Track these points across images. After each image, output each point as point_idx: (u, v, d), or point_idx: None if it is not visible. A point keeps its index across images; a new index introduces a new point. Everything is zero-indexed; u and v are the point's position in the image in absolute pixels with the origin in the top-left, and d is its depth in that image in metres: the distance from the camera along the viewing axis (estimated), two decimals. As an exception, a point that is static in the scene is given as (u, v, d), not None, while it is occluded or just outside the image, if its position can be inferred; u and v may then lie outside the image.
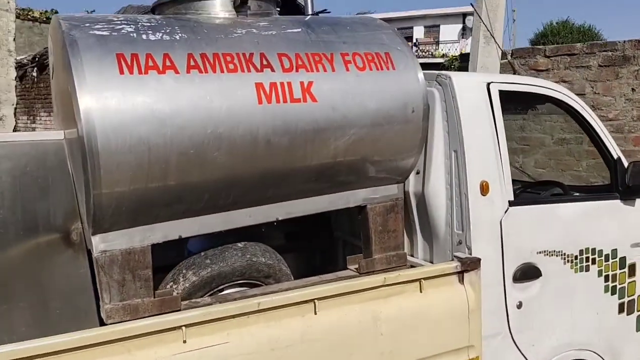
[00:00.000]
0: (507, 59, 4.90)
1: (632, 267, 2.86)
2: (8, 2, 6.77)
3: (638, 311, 2.94)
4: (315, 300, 1.99)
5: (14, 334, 1.80)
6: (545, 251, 2.54)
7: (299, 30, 2.21)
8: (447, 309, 2.26)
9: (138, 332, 1.72)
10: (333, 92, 2.10)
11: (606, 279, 2.76)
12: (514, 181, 2.64)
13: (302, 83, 2.05)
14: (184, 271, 2.18)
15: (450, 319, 2.26)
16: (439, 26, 34.43)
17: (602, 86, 4.94)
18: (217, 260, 2.19)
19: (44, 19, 20.74)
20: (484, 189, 2.39)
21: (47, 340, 1.58)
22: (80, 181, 1.83)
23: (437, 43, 32.64)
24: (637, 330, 2.94)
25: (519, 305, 2.50)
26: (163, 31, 1.95)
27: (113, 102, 1.73)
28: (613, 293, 2.79)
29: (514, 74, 4.90)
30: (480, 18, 4.71)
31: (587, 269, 2.68)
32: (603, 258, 2.73)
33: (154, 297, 1.99)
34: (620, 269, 2.80)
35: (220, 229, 2.14)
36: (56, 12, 22.81)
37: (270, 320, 1.92)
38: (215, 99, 1.89)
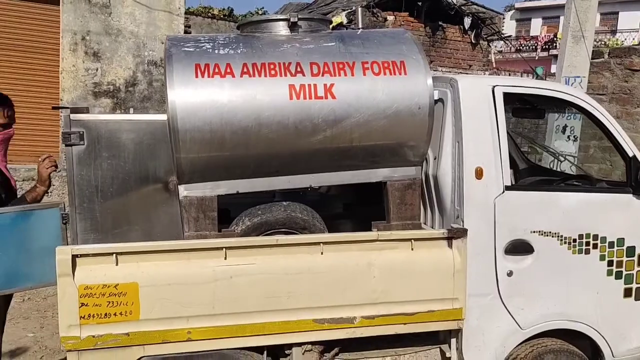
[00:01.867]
0: (603, 57, 4.95)
1: (644, 257, 3.07)
2: (179, 8, 8.37)
3: (650, 298, 3.13)
4: (322, 244, 2.73)
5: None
6: (539, 231, 2.94)
7: (333, 44, 2.93)
8: (435, 266, 2.83)
9: (198, 246, 2.63)
10: (349, 91, 2.79)
11: (610, 264, 3.03)
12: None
13: (325, 85, 2.77)
14: (243, 217, 3.04)
15: (437, 274, 2.83)
16: (617, 13, 31.25)
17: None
18: (266, 212, 3.02)
19: (221, 16, 23.49)
20: (479, 173, 2.88)
21: (157, 243, 2.59)
22: (171, 148, 2.79)
23: (614, 32, 29.70)
24: (648, 316, 3.14)
25: (509, 274, 2.94)
26: (230, 47, 2.82)
27: (189, 96, 2.63)
28: (618, 277, 3.06)
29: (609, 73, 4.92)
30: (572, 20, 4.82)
31: (587, 252, 3.00)
32: (606, 245, 3.01)
33: (218, 231, 2.91)
34: (627, 257, 3.05)
35: (266, 189, 2.97)
36: (232, 10, 25.66)
37: (286, 254, 2.70)
38: (258, 95, 2.71)
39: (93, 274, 2.45)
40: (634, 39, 25.85)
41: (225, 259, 2.63)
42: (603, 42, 28.68)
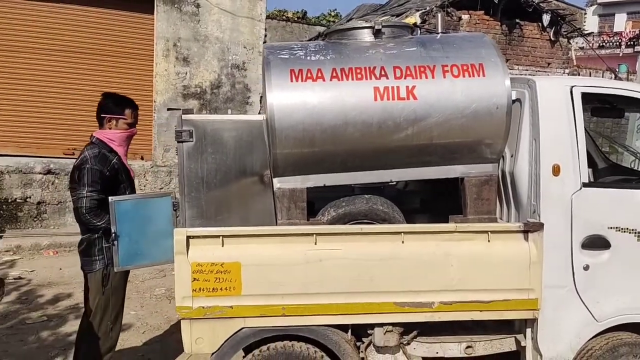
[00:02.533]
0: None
1: None
2: (260, 14, 8.85)
3: None
4: (403, 233, 2.96)
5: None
6: (617, 227, 3.02)
7: (415, 48, 3.15)
8: (511, 258, 2.98)
9: (292, 232, 2.95)
10: (430, 93, 3.00)
11: (690, 262, 3.05)
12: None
13: (407, 87, 3.00)
14: (329, 209, 3.33)
15: (513, 265, 2.98)
16: None
17: None
18: (349, 204, 3.29)
19: (295, 19, 24.12)
20: (556, 170, 3.00)
21: (258, 228, 2.95)
22: (268, 144, 3.13)
23: None
24: None
25: (586, 268, 3.04)
26: (321, 53, 3.11)
27: (284, 98, 2.95)
28: (698, 276, 3.06)
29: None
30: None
31: (665, 249, 3.03)
32: (685, 242, 3.03)
33: (307, 220, 3.21)
34: None
35: (350, 183, 3.25)
36: (305, 13, 26.28)
37: (370, 242, 2.96)
38: (346, 97, 2.98)
39: (203, 253, 2.83)
40: None
41: (316, 244, 2.92)
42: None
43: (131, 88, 8.21)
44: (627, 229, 3.02)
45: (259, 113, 8.82)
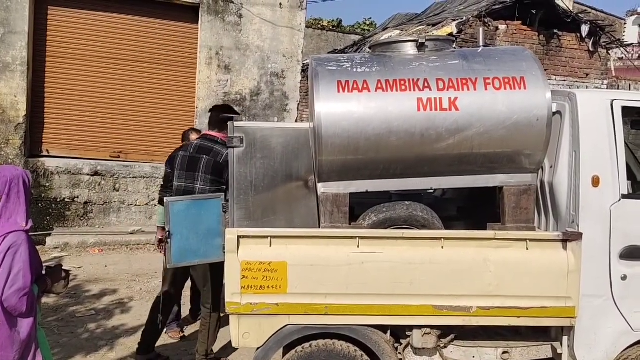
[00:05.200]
0: None
1: None
2: (300, 24, 9.08)
3: None
4: (442, 239, 3.07)
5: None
6: (655, 239, 3.06)
7: (457, 61, 3.27)
8: (549, 266, 3.06)
9: (336, 235, 3.10)
10: (472, 104, 3.11)
11: None
12: None
13: (449, 98, 3.12)
14: (370, 214, 3.46)
15: (551, 273, 3.05)
16: None
17: None
18: (390, 209, 3.41)
19: (331, 27, 24.35)
20: (595, 182, 3.07)
21: (304, 231, 3.12)
22: (314, 151, 3.29)
23: None
24: None
25: (624, 278, 3.09)
26: (366, 65, 3.26)
27: (332, 108, 3.11)
28: None
29: None
30: None
31: (703, 263, 3.05)
32: None
33: (349, 224, 3.35)
34: None
35: (390, 189, 3.38)
36: (340, 21, 26.53)
37: (411, 246, 3.08)
38: (390, 107, 3.12)
39: (252, 253, 3.00)
40: None
41: (358, 247, 3.06)
42: None
43: (175, 94, 8.56)
44: (666, 240, 3.06)
45: (296, 121, 9.03)
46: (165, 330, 4.79)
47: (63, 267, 2.83)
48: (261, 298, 3.00)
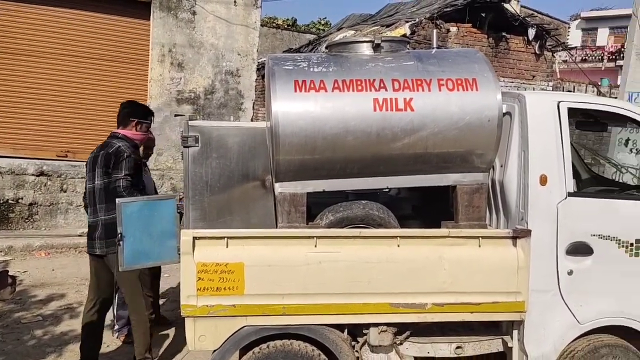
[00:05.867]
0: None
1: None
2: (255, 22, 9.00)
3: None
4: (399, 238, 3.11)
5: (232, 232, 3.32)
6: (599, 235, 3.21)
7: (412, 62, 3.32)
8: (500, 263, 3.15)
9: (294, 235, 3.08)
10: (426, 105, 3.16)
11: (666, 268, 3.25)
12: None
13: (405, 99, 3.16)
14: (327, 213, 3.46)
15: (502, 270, 3.15)
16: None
17: None
18: (347, 209, 3.42)
19: (285, 26, 24.26)
20: (543, 180, 3.18)
21: (261, 231, 3.08)
22: (271, 151, 3.27)
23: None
24: None
25: (570, 273, 3.22)
26: (323, 65, 3.26)
27: (288, 107, 3.09)
28: (673, 281, 3.26)
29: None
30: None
31: (644, 257, 3.23)
32: (663, 250, 3.23)
33: (306, 224, 3.35)
34: (686, 263, 3.25)
35: (347, 188, 3.39)
36: (295, 20, 26.49)
37: (368, 245, 3.10)
38: (347, 107, 3.13)
39: (208, 254, 2.95)
40: None
41: (315, 246, 3.06)
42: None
43: (126, 92, 8.30)
44: (609, 236, 3.21)
45: (251, 120, 8.95)
46: (116, 335, 4.66)
47: (9, 273, 2.71)
48: (218, 300, 2.96)
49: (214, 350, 3.06)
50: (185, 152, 3.31)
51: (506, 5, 12.06)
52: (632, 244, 3.23)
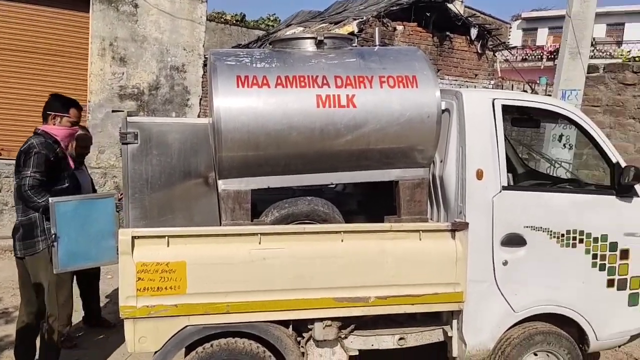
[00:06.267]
0: (598, 72, 5.37)
1: (625, 252, 3.48)
2: (201, 17, 8.84)
3: (632, 289, 3.53)
4: (342, 233, 3.15)
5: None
6: (532, 226, 3.35)
7: (354, 59, 3.35)
8: (440, 255, 3.25)
9: (237, 232, 3.05)
10: (368, 102, 3.21)
11: (594, 257, 3.44)
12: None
13: (347, 95, 3.19)
14: (272, 210, 3.46)
15: (442, 262, 3.25)
16: (623, 24, 31.70)
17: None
18: (292, 205, 3.43)
19: (234, 21, 23.92)
20: (479, 175, 3.29)
21: (203, 229, 3.03)
22: (213, 147, 3.22)
23: (619, 43, 30.15)
24: (629, 305, 3.54)
25: (505, 263, 3.35)
26: (266, 61, 3.25)
27: (231, 103, 3.06)
28: (601, 269, 3.46)
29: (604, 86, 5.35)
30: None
31: (574, 246, 3.40)
32: (591, 240, 3.42)
33: (251, 221, 3.33)
34: (610, 251, 3.45)
35: (292, 185, 3.40)
36: (244, 16, 26.16)
37: (311, 241, 3.12)
38: (290, 103, 3.13)
39: (148, 253, 2.88)
40: (639, 50, 26.20)
41: (260, 243, 3.05)
42: (608, 53, 29.13)
43: (64, 87, 7.97)
44: (541, 227, 3.36)
45: (198, 116, 8.80)
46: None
47: None
48: (159, 300, 2.90)
49: (156, 352, 3.00)
50: (124, 149, 3.22)
51: (450, 6, 12.37)
52: (563, 235, 3.39)
